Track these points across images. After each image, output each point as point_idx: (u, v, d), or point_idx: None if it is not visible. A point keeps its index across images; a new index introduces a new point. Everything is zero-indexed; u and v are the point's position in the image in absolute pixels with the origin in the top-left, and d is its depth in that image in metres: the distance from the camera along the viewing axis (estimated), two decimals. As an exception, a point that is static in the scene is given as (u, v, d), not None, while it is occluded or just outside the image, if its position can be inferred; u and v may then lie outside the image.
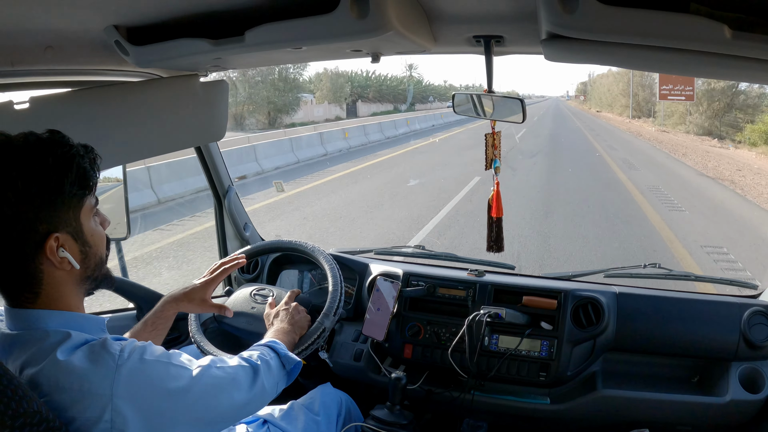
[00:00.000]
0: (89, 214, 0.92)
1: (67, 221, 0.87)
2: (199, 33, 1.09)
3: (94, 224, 0.93)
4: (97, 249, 0.93)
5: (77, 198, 0.88)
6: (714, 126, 25.13)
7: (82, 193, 0.89)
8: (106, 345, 0.86)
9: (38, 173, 0.83)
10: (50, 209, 0.85)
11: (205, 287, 1.35)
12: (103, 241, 0.95)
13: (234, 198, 2.16)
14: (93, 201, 0.92)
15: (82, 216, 0.90)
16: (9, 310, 0.89)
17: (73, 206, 0.88)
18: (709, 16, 0.74)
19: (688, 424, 1.64)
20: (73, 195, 0.87)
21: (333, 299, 1.48)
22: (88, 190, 0.90)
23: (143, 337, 1.23)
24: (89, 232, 0.91)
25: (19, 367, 0.85)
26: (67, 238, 0.87)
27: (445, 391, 1.69)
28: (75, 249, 0.89)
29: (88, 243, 0.91)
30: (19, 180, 0.82)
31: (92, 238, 0.92)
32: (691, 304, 1.68)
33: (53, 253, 0.85)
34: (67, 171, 0.86)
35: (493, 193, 1.49)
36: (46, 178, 0.84)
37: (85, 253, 0.91)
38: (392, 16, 0.91)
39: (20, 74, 1.20)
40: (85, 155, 0.89)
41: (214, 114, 1.60)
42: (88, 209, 0.91)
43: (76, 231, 0.89)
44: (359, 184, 10.81)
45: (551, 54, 1.03)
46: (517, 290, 1.73)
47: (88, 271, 0.92)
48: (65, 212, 0.87)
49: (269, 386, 1.09)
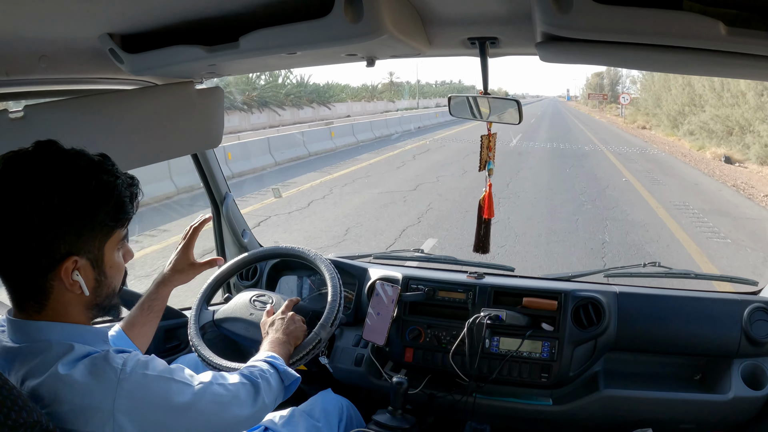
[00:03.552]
0: (114, 246, 0.91)
1: (90, 248, 0.86)
2: (194, 40, 1.09)
3: (117, 256, 0.92)
4: (112, 280, 0.92)
5: (107, 228, 0.87)
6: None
7: (113, 225, 0.88)
8: (108, 358, 0.85)
9: (77, 195, 0.82)
10: (77, 234, 0.84)
11: (185, 253, 1.36)
12: (121, 273, 0.94)
13: (231, 204, 2.15)
14: (123, 233, 0.91)
15: (107, 246, 0.89)
16: (12, 321, 0.88)
17: (101, 236, 0.87)
18: (702, 13, 0.74)
19: (691, 422, 1.63)
20: (104, 225, 0.86)
21: (331, 309, 1.47)
22: (120, 224, 0.89)
23: (140, 321, 1.26)
24: (109, 263, 0.90)
25: (20, 379, 0.84)
26: (85, 264, 0.86)
27: (447, 394, 1.68)
28: (90, 276, 0.87)
29: (105, 274, 0.90)
30: (56, 195, 0.81)
31: (111, 270, 0.91)
32: (691, 302, 1.68)
33: (67, 274, 0.84)
34: (107, 200, 0.85)
35: (485, 195, 1.50)
36: (83, 202, 0.83)
37: (100, 282, 0.90)
38: (386, 19, 0.91)
39: (15, 84, 1.19)
40: (127, 188, 0.88)
41: (210, 121, 1.60)
42: (115, 241, 0.90)
43: (96, 259, 0.88)
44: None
45: (546, 55, 1.03)
46: (517, 292, 1.72)
47: (97, 299, 0.91)
48: (91, 240, 0.86)
49: (269, 402, 1.10)
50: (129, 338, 1.23)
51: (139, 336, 1.25)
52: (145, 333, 1.27)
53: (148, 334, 1.28)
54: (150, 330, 1.29)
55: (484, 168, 1.48)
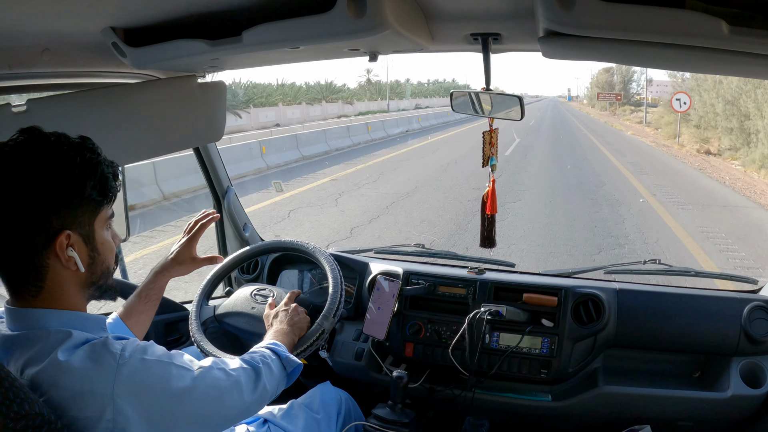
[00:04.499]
0: (103, 224, 0.94)
1: (81, 223, 0.89)
2: (196, 34, 1.09)
3: (107, 235, 0.95)
4: (105, 258, 0.95)
5: (95, 204, 0.90)
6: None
7: (100, 200, 0.91)
8: (107, 344, 0.86)
9: (64, 170, 0.86)
10: (68, 207, 0.87)
11: (189, 246, 1.36)
12: (112, 252, 0.97)
13: (233, 198, 2.16)
14: (109, 212, 0.94)
15: (96, 223, 0.92)
16: (10, 310, 0.89)
17: (90, 211, 0.90)
18: (705, 12, 0.74)
19: (689, 419, 1.64)
20: (92, 200, 0.89)
21: (333, 300, 1.48)
22: (106, 199, 0.92)
23: (138, 309, 1.26)
24: (100, 240, 0.93)
25: (20, 368, 0.85)
26: (78, 239, 0.89)
27: (447, 389, 1.69)
28: (84, 252, 0.90)
29: (98, 250, 0.93)
30: (45, 172, 0.84)
31: (102, 247, 0.93)
32: (691, 300, 1.68)
33: (62, 249, 0.86)
34: (91, 175, 0.88)
35: (488, 190, 1.49)
36: (71, 176, 0.86)
37: (93, 259, 0.92)
38: (389, 14, 0.91)
39: (17, 77, 1.20)
40: (108, 166, 0.92)
41: (212, 115, 1.60)
42: (103, 219, 0.93)
43: (87, 235, 0.90)
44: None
45: (549, 51, 1.03)
46: (518, 287, 1.73)
47: (93, 278, 0.93)
48: (81, 214, 0.89)
49: (270, 388, 1.09)
50: (126, 326, 1.23)
51: (136, 324, 1.26)
52: (143, 321, 1.28)
53: (145, 322, 1.29)
54: (147, 318, 1.29)
55: (487, 164, 1.48)
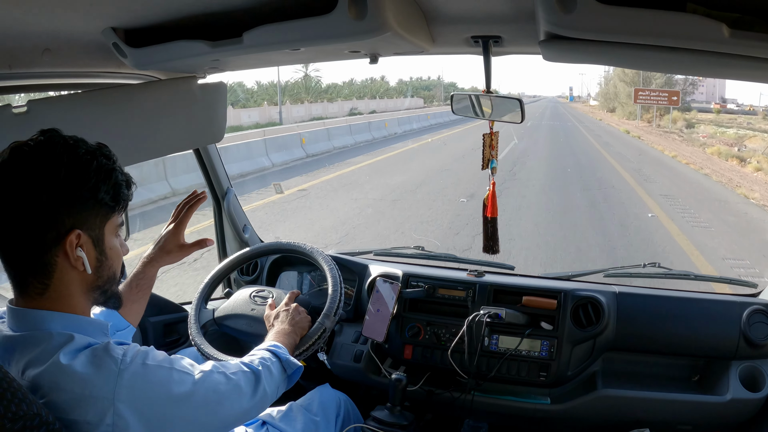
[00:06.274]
0: (113, 230, 0.94)
1: (92, 225, 0.90)
2: (197, 35, 1.09)
3: (116, 242, 0.96)
4: (112, 263, 0.95)
5: (107, 208, 0.91)
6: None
7: (112, 206, 0.92)
8: (109, 349, 0.86)
9: (80, 171, 0.87)
10: (81, 208, 0.88)
11: (176, 233, 1.33)
12: (119, 259, 0.97)
13: (233, 200, 2.15)
14: (119, 221, 0.95)
15: (107, 228, 0.92)
16: (13, 310, 0.89)
17: (102, 215, 0.91)
18: (706, 16, 0.75)
19: (688, 423, 1.63)
20: (104, 204, 0.90)
21: (333, 300, 1.48)
22: (118, 206, 0.93)
23: (130, 298, 1.24)
24: (109, 245, 0.93)
25: (21, 369, 0.85)
26: (87, 240, 0.89)
27: (446, 391, 1.69)
28: (92, 254, 0.90)
29: (106, 254, 0.93)
30: (62, 170, 0.85)
31: (110, 252, 0.94)
32: (690, 303, 1.68)
33: (72, 248, 0.87)
34: (106, 179, 0.89)
35: (489, 193, 1.48)
36: (86, 177, 0.87)
37: (101, 263, 0.92)
38: (390, 16, 0.91)
39: (18, 77, 1.20)
40: (122, 174, 0.93)
41: (212, 116, 1.60)
42: (113, 225, 0.94)
43: (97, 238, 0.91)
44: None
45: (549, 54, 1.03)
46: (517, 290, 1.72)
47: (99, 281, 0.93)
48: (93, 217, 0.89)
49: (270, 391, 1.09)
50: (120, 315, 1.22)
51: (130, 313, 1.25)
52: (136, 310, 1.28)
53: (138, 311, 1.28)
54: (140, 307, 1.29)
55: (487, 167, 1.48)
